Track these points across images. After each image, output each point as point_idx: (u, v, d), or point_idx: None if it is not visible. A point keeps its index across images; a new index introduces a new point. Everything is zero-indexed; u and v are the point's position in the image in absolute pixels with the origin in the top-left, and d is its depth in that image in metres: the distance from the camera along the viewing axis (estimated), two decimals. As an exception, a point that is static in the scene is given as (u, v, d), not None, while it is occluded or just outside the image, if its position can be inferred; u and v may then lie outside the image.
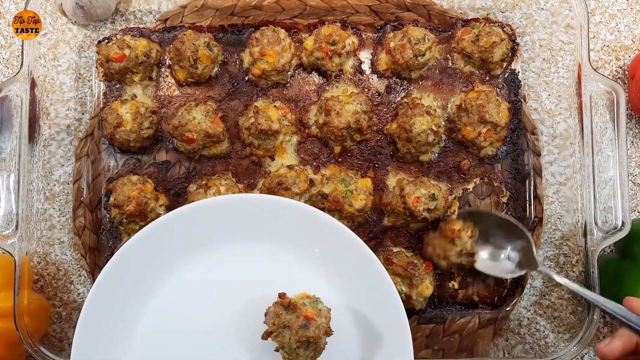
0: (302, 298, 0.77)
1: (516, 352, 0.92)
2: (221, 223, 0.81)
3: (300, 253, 0.82)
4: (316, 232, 0.81)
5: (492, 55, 0.91)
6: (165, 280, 0.82)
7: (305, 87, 0.95)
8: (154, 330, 0.82)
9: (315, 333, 0.74)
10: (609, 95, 0.87)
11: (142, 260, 0.80)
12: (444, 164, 0.93)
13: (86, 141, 0.95)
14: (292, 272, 0.82)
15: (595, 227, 0.86)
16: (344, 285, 0.82)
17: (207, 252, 0.82)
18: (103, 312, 0.79)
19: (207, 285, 0.82)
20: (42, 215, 0.93)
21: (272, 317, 0.75)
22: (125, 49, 0.91)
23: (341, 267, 0.81)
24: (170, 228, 0.80)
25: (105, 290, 0.79)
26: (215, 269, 0.82)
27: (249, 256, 0.83)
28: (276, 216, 0.81)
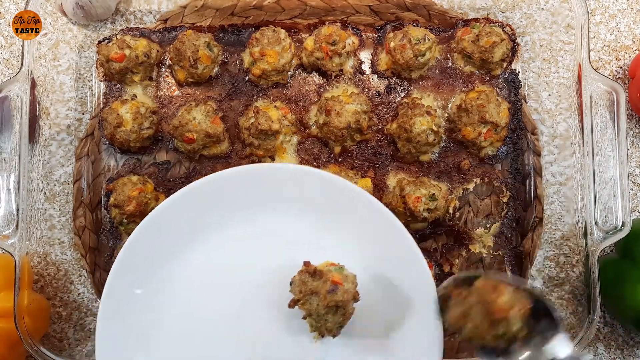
0: (327, 266, 0.76)
1: (516, 352, 0.92)
2: (241, 194, 0.81)
3: (321, 222, 0.82)
4: (336, 200, 0.80)
5: (492, 55, 0.91)
6: (188, 252, 0.82)
7: (306, 87, 0.95)
8: (180, 302, 0.81)
9: (344, 297, 0.73)
10: (609, 95, 0.87)
11: (168, 230, 0.80)
12: (444, 164, 0.93)
13: (86, 141, 0.95)
14: (314, 242, 0.82)
15: (595, 227, 0.86)
16: (367, 253, 0.81)
17: (229, 224, 0.82)
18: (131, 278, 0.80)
19: (230, 257, 0.82)
20: (42, 215, 0.93)
21: (298, 285, 0.75)
22: (125, 49, 0.91)
23: (363, 233, 0.81)
24: (190, 201, 0.80)
25: (132, 256, 0.79)
26: (238, 241, 0.82)
27: (270, 227, 0.82)
28: (298, 185, 0.81)
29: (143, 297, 0.80)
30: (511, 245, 0.93)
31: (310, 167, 0.83)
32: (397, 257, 0.80)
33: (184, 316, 0.81)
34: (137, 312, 0.80)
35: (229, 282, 0.81)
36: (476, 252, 0.92)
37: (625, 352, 0.94)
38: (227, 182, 0.81)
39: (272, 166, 0.83)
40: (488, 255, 0.92)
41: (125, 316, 0.80)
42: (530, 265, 0.92)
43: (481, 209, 0.93)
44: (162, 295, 0.81)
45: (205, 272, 0.82)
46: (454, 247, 0.92)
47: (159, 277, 0.81)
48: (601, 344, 0.94)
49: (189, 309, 0.81)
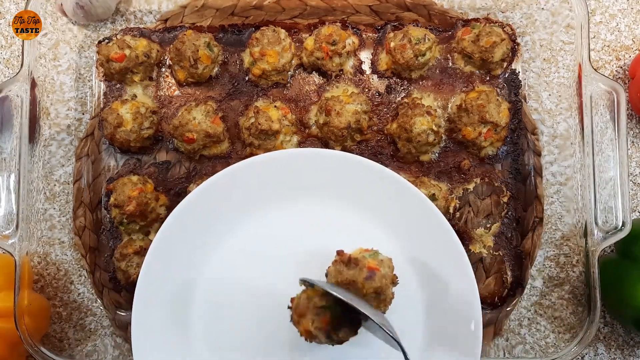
0: (361, 252, 0.75)
1: (516, 352, 0.92)
2: (273, 180, 0.81)
3: (353, 206, 0.81)
4: (368, 184, 0.80)
5: (493, 55, 0.91)
6: (222, 239, 0.82)
7: (306, 87, 0.95)
8: (214, 288, 0.81)
9: (382, 282, 0.71)
10: (610, 95, 0.87)
11: (203, 215, 0.81)
12: (444, 164, 0.93)
13: (86, 141, 0.95)
14: (347, 227, 0.81)
15: (595, 227, 0.86)
16: (402, 236, 0.80)
17: (261, 210, 0.82)
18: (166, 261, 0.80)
19: (264, 246, 0.82)
20: (42, 215, 0.93)
21: (334, 275, 0.73)
22: (125, 49, 0.91)
23: (397, 217, 0.80)
24: (224, 186, 0.81)
25: (169, 238, 0.79)
26: (272, 229, 0.82)
27: (302, 214, 0.82)
28: (329, 170, 0.81)
29: (176, 282, 0.80)
30: (511, 245, 0.93)
31: (346, 153, 0.83)
32: (431, 238, 0.79)
33: (216, 304, 0.81)
34: (170, 296, 0.80)
35: (264, 271, 0.80)
36: (476, 252, 0.92)
37: (626, 352, 0.94)
38: (260, 168, 0.81)
39: (300, 152, 0.82)
40: (488, 255, 0.92)
41: (158, 301, 0.80)
42: (531, 265, 0.92)
43: (481, 209, 0.93)
44: (194, 282, 0.81)
45: (239, 260, 0.82)
46: (454, 247, 0.92)
47: (193, 263, 0.81)
48: (601, 344, 0.94)
49: (222, 297, 0.81)
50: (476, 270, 0.92)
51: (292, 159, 0.81)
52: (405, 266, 0.80)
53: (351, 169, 0.81)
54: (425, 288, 0.81)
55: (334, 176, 0.81)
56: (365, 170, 0.81)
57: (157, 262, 0.79)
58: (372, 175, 0.81)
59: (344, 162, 0.81)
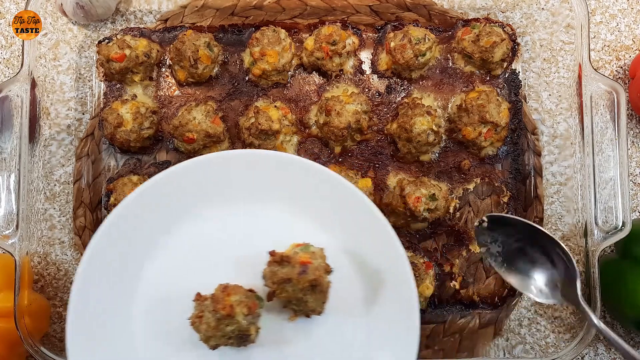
0: (293, 248, 0.76)
1: (517, 352, 0.92)
2: (207, 184, 0.81)
3: (288, 205, 0.81)
4: (300, 181, 0.80)
5: (493, 55, 0.91)
6: (157, 247, 0.81)
7: (306, 87, 0.95)
8: (152, 292, 0.80)
9: (316, 274, 0.73)
10: (610, 95, 0.87)
11: (138, 221, 0.79)
12: (445, 164, 0.93)
13: (86, 141, 0.95)
14: (283, 226, 0.81)
15: (595, 227, 0.86)
16: (337, 230, 0.81)
17: (197, 214, 0.81)
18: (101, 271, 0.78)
19: (199, 251, 0.81)
20: (42, 215, 0.93)
21: (269, 277, 0.75)
22: (125, 49, 0.91)
23: (332, 212, 0.81)
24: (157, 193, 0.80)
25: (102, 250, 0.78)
26: (207, 233, 0.81)
27: (237, 216, 0.82)
28: (265, 170, 0.80)
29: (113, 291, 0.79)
30: (511, 245, 0.93)
31: (277, 152, 0.83)
32: (366, 231, 0.79)
33: (152, 314, 0.80)
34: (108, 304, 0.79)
35: (201, 277, 0.78)
36: (476, 252, 0.92)
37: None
38: (190, 174, 0.80)
39: (230, 154, 0.81)
40: (488, 255, 0.92)
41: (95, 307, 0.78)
42: (531, 265, 0.92)
43: (481, 209, 0.93)
44: (130, 292, 0.80)
45: (175, 266, 0.81)
46: (454, 247, 0.92)
47: (128, 274, 0.80)
48: (601, 344, 0.94)
49: (160, 304, 0.80)
50: (476, 270, 0.92)
51: (223, 162, 0.80)
52: (341, 256, 0.80)
53: (283, 167, 0.80)
54: (361, 275, 0.80)
55: (266, 176, 0.81)
56: (296, 168, 0.80)
57: (95, 266, 0.78)
58: (304, 173, 0.80)
59: (276, 162, 0.81)
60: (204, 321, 0.73)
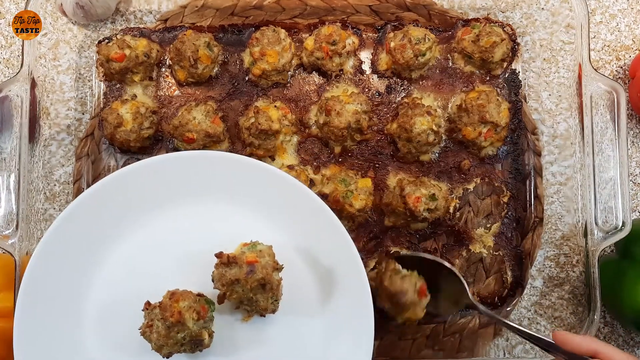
0: (240, 248, 0.76)
1: (517, 352, 0.92)
2: (154, 185, 0.80)
3: (237, 204, 0.81)
4: (248, 180, 0.80)
5: (493, 55, 0.91)
6: (105, 251, 0.81)
7: (306, 87, 0.95)
8: (101, 301, 0.80)
9: (264, 273, 0.73)
10: (610, 95, 0.87)
11: (83, 227, 0.79)
12: (445, 164, 0.93)
13: (86, 141, 0.95)
14: (233, 226, 0.81)
15: (595, 227, 0.86)
16: (286, 227, 0.81)
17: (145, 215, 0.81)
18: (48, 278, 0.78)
19: (149, 253, 0.81)
20: (42, 215, 0.93)
21: (218, 279, 0.74)
22: (125, 49, 0.91)
23: (281, 210, 0.80)
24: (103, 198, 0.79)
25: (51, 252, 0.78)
26: (157, 233, 0.81)
27: (186, 217, 0.81)
28: (209, 171, 0.80)
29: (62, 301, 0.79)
30: (511, 245, 0.93)
31: (224, 152, 0.83)
32: (314, 226, 0.79)
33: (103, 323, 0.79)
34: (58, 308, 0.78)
35: (150, 284, 0.77)
36: (476, 252, 0.92)
37: (626, 351, 0.93)
38: (133, 177, 0.80)
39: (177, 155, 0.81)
40: (488, 255, 0.92)
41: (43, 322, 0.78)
42: (531, 265, 0.92)
43: (481, 209, 0.93)
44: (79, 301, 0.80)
45: (125, 270, 0.80)
46: (454, 247, 0.92)
47: (75, 282, 0.80)
48: (601, 344, 0.94)
49: (108, 313, 0.79)
50: (476, 270, 0.92)
51: (170, 163, 0.80)
52: (292, 253, 0.80)
53: (231, 167, 0.80)
54: (314, 271, 0.80)
55: (211, 177, 0.80)
56: (243, 167, 0.80)
57: (40, 275, 0.78)
58: (251, 172, 0.80)
59: (223, 162, 0.80)
60: (154, 330, 0.72)
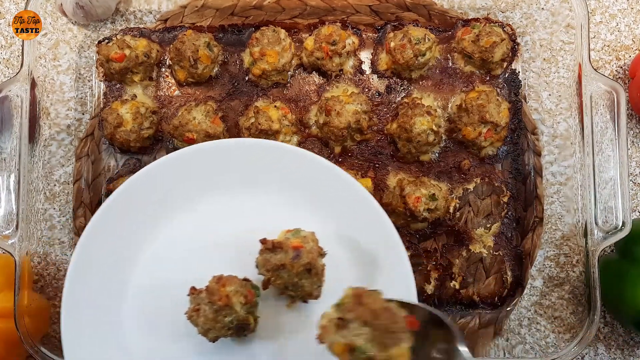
0: (284, 234, 0.76)
1: (517, 352, 0.92)
2: (200, 173, 0.81)
3: (280, 193, 0.82)
4: (293, 169, 0.81)
5: (493, 55, 0.91)
6: (153, 234, 0.81)
7: (306, 87, 0.95)
8: (146, 283, 0.81)
9: (309, 257, 0.73)
10: (610, 95, 0.87)
11: (128, 214, 0.80)
12: (445, 164, 0.93)
13: (86, 141, 0.95)
14: (276, 214, 0.81)
15: (595, 227, 0.86)
16: (328, 215, 0.81)
17: (190, 204, 0.82)
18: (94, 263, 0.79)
19: (194, 240, 0.81)
20: (42, 215, 0.93)
21: (262, 264, 0.74)
22: (125, 49, 0.91)
23: (322, 198, 0.81)
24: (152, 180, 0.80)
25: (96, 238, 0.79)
26: (201, 221, 0.82)
27: (230, 205, 0.82)
28: (254, 158, 0.81)
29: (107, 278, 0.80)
30: (511, 245, 0.93)
31: (269, 140, 0.83)
32: (356, 214, 0.80)
33: (145, 308, 0.80)
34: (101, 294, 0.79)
35: (195, 266, 0.79)
36: (476, 252, 0.92)
37: (626, 352, 0.94)
38: (180, 164, 0.80)
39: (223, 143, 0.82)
40: (488, 255, 0.92)
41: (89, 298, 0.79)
42: (531, 265, 0.92)
43: (481, 209, 0.93)
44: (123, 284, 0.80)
45: (169, 255, 0.81)
46: (454, 247, 0.92)
47: (124, 258, 0.80)
48: (601, 344, 0.94)
49: (151, 299, 0.80)
50: (476, 270, 0.92)
51: (216, 151, 0.81)
52: (333, 241, 0.80)
53: (275, 156, 0.81)
54: (356, 258, 0.81)
55: (259, 165, 0.81)
56: (288, 156, 0.81)
57: (86, 259, 0.79)
58: (296, 160, 0.80)
59: (268, 150, 0.81)
60: (202, 314, 0.73)
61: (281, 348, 0.78)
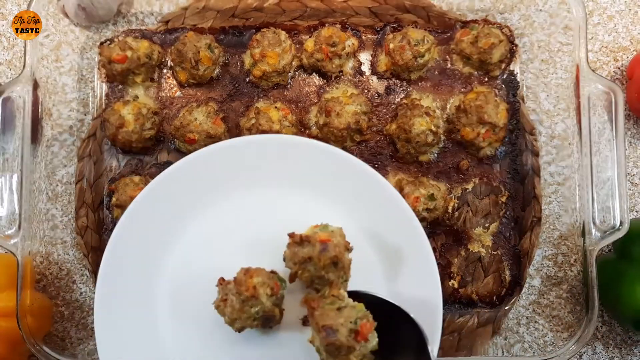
0: (312, 229, 0.77)
1: (515, 351, 0.92)
2: (228, 169, 0.83)
3: (307, 189, 0.83)
4: (319, 165, 0.82)
5: (491, 56, 0.92)
6: (180, 230, 0.83)
7: (306, 88, 0.96)
8: (175, 277, 0.82)
9: (336, 251, 0.73)
10: (607, 96, 0.87)
11: (167, 200, 0.82)
12: (443, 164, 0.94)
13: (88, 142, 0.95)
14: (302, 209, 0.83)
15: (593, 226, 0.86)
16: (353, 210, 0.82)
17: (219, 199, 0.83)
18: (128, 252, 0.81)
19: (223, 233, 0.83)
20: (44, 215, 0.94)
21: (290, 257, 0.75)
22: (127, 50, 0.91)
23: (347, 193, 0.82)
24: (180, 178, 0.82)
25: (131, 227, 0.81)
26: (229, 216, 0.83)
27: (258, 201, 0.83)
28: (280, 156, 0.82)
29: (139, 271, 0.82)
30: (510, 244, 0.93)
31: (294, 136, 0.85)
32: (381, 208, 0.81)
33: (180, 293, 0.82)
34: (134, 285, 0.81)
35: (221, 263, 0.79)
36: (475, 251, 0.93)
37: (624, 350, 0.95)
38: (216, 157, 0.82)
39: (251, 139, 0.83)
40: (487, 255, 0.93)
41: (122, 289, 0.81)
42: (529, 264, 0.92)
43: (480, 209, 0.93)
44: (154, 276, 0.82)
45: (198, 250, 0.83)
46: (453, 247, 0.93)
47: (154, 253, 0.82)
48: (599, 342, 0.95)
49: (184, 287, 0.82)
50: (474, 270, 0.92)
51: (244, 147, 0.82)
52: (359, 236, 0.81)
53: (302, 152, 0.82)
54: (380, 252, 0.82)
55: (286, 161, 0.82)
56: (316, 152, 0.82)
57: (119, 251, 0.81)
58: (324, 157, 0.82)
59: (294, 147, 0.82)
60: (229, 304, 0.74)
61: (305, 341, 0.78)
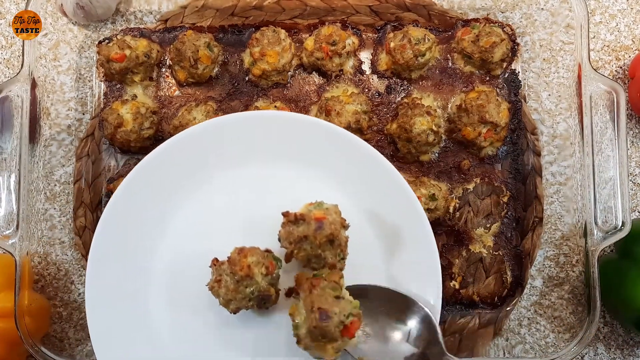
0: (306, 207, 0.76)
1: (516, 352, 0.92)
2: (222, 146, 0.81)
3: (303, 166, 0.82)
4: (316, 143, 0.81)
5: (492, 55, 0.91)
6: (174, 207, 0.82)
7: (306, 87, 0.95)
8: (169, 256, 0.81)
9: (332, 228, 0.72)
10: (609, 95, 0.87)
11: (158, 181, 0.80)
12: (444, 164, 0.93)
13: (87, 141, 0.95)
14: (298, 187, 0.81)
15: (595, 227, 0.86)
16: (351, 188, 0.81)
17: (212, 177, 0.82)
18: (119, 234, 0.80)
19: (217, 212, 0.82)
20: (42, 215, 0.93)
21: (285, 237, 0.74)
22: (125, 49, 0.91)
23: (344, 171, 0.81)
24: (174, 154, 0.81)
25: (121, 209, 0.80)
26: (223, 194, 0.82)
27: (252, 178, 0.82)
28: (275, 132, 0.81)
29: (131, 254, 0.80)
30: (511, 245, 0.93)
31: (292, 113, 0.84)
32: (380, 187, 0.80)
33: (174, 273, 0.81)
34: (126, 267, 0.80)
35: (217, 239, 0.79)
36: (476, 251, 0.92)
37: (625, 351, 0.94)
38: (209, 135, 0.81)
39: (246, 115, 0.82)
40: (488, 255, 0.92)
41: (113, 279, 0.80)
42: (530, 265, 0.92)
43: (481, 209, 0.93)
44: (147, 257, 0.81)
45: (192, 228, 0.82)
46: (454, 247, 0.92)
47: (147, 233, 0.81)
48: (601, 343, 0.94)
49: (179, 266, 0.81)
50: (476, 270, 0.92)
51: (239, 124, 0.81)
52: (356, 214, 0.80)
53: (298, 128, 0.81)
54: (379, 231, 0.81)
55: (280, 138, 0.81)
56: (312, 129, 0.80)
57: (108, 236, 0.79)
58: (320, 133, 0.80)
59: (291, 123, 0.81)
60: (223, 285, 0.73)
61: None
